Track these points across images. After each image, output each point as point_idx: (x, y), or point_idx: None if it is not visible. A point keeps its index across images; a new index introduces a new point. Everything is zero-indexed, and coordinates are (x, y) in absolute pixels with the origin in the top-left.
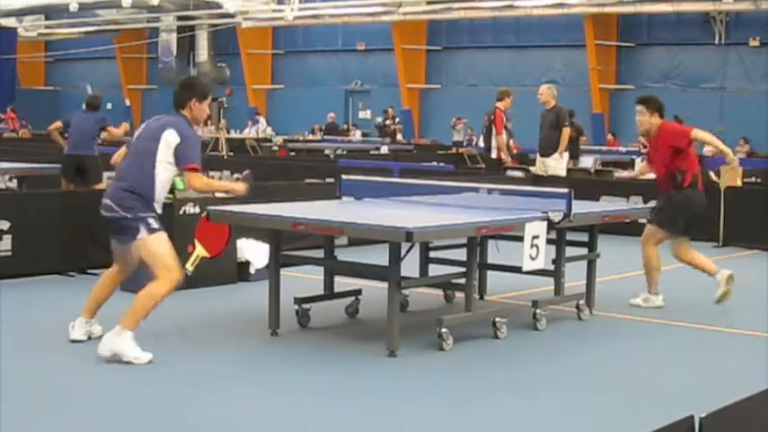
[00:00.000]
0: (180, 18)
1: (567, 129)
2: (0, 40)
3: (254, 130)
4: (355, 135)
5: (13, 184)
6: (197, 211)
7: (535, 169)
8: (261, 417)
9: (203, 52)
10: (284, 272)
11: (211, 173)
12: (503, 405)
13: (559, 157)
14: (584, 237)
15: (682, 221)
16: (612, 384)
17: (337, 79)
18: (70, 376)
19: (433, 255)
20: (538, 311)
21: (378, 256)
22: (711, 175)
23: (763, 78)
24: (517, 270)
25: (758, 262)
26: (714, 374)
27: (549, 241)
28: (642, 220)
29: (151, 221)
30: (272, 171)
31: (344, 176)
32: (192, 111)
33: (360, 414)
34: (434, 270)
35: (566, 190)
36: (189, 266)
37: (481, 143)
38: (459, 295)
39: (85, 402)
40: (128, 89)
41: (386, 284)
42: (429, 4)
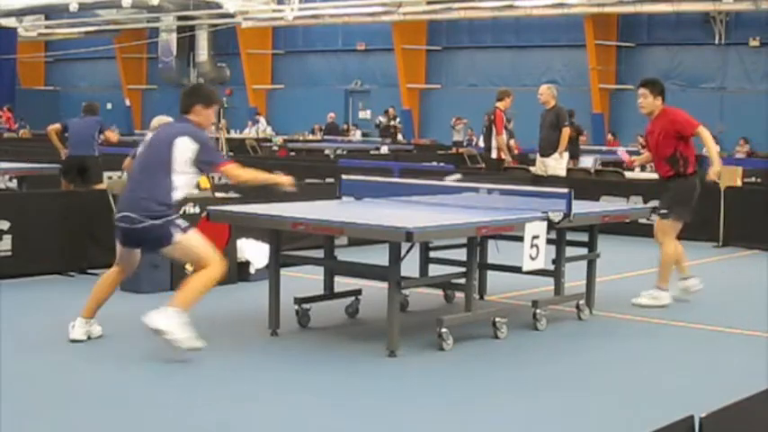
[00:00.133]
0: (180, 18)
1: (566, 129)
2: (0, 40)
3: (254, 130)
4: (355, 135)
5: (13, 184)
6: (197, 211)
7: (535, 169)
8: (261, 417)
9: (203, 52)
10: (284, 272)
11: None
12: (503, 405)
13: (559, 157)
14: (584, 237)
15: (690, 207)
16: (612, 384)
17: (337, 79)
18: (70, 376)
19: (433, 255)
20: (538, 311)
21: (378, 256)
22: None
23: (763, 78)
24: (517, 270)
25: (758, 262)
26: (714, 374)
27: (549, 241)
28: (642, 219)
29: (179, 222)
30: (272, 171)
31: (344, 176)
32: (198, 116)
33: (360, 414)
34: (434, 270)
35: (566, 190)
36: (189, 266)
37: (481, 143)
38: (459, 295)
39: (85, 402)
40: (128, 89)
41: (386, 284)
42: (429, 4)
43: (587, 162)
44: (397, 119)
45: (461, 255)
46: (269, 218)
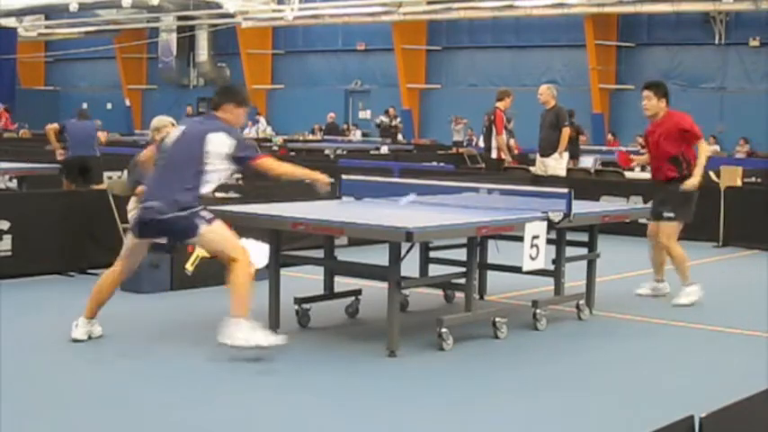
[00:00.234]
0: (180, 18)
1: (566, 129)
2: (0, 40)
3: (254, 130)
4: (355, 135)
5: (13, 184)
6: None
7: (535, 169)
8: (261, 417)
9: (203, 52)
10: (284, 272)
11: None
12: (503, 405)
13: (559, 157)
14: (584, 237)
15: (692, 209)
16: (612, 384)
17: (337, 79)
18: (70, 376)
19: (433, 255)
20: (538, 311)
21: (378, 256)
22: (711, 175)
23: (763, 78)
24: (517, 270)
25: (758, 262)
26: (714, 374)
27: (549, 241)
28: (642, 219)
29: (204, 213)
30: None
31: (344, 176)
32: (227, 114)
33: (360, 414)
34: (434, 270)
35: (566, 190)
36: (189, 266)
37: (481, 143)
38: (460, 295)
39: (85, 402)
40: (128, 89)
41: (386, 284)
42: (429, 4)
43: (587, 162)
44: (398, 118)
45: (461, 255)
46: (269, 218)
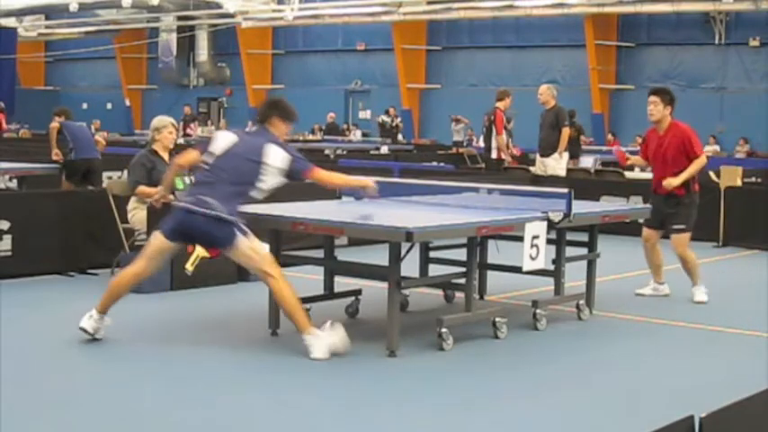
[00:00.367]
0: (180, 18)
1: (566, 129)
2: (0, 40)
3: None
4: (355, 135)
5: (13, 184)
6: None
7: (535, 169)
8: (260, 417)
9: (203, 52)
10: (284, 272)
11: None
12: (503, 405)
13: (559, 157)
14: (584, 237)
15: (695, 216)
16: (612, 384)
17: (337, 79)
18: (70, 376)
19: (433, 255)
20: (538, 311)
21: (378, 256)
22: (711, 175)
23: (763, 78)
24: (517, 270)
25: (758, 262)
26: (714, 374)
27: (549, 241)
28: (642, 219)
29: (241, 225)
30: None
31: None
32: (275, 128)
33: (360, 414)
34: (434, 270)
35: (566, 190)
36: (189, 266)
37: (481, 143)
38: (460, 295)
39: (85, 402)
40: (128, 89)
41: (386, 284)
42: (429, 4)
43: (587, 162)
44: (399, 118)
45: (461, 255)
46: (269, 218)
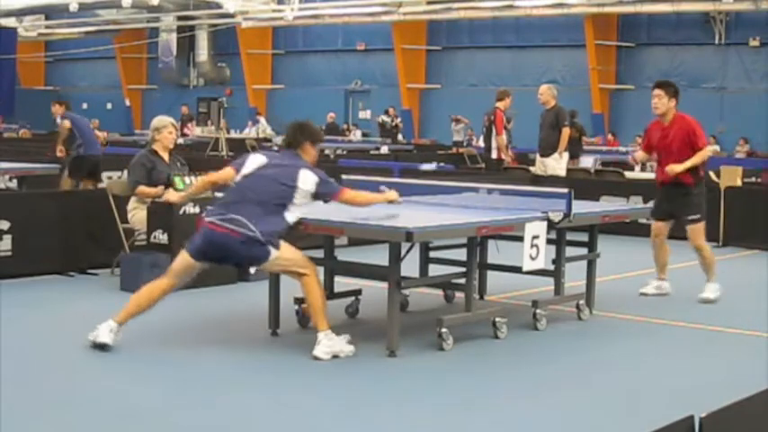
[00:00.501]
0: (180, 18)
1: (566, 129)
2: (0, 40)
3: (254, 130)
4: (355, 135)
5: (13, 184)
6: (197, 211)
7: (535, 169)
8: (260, 417)
9: (203, 52)
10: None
11: (211, 173)
12: (503, 405)
13: (559, 157)
14: (584, 237)
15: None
16: (612, 384)
17: (337, 79)
18: (70, 376)
19: (433, 255)
20: (538, 311)
21: (378, 256)
22: (711, 175)
23: (763, 78)
24: (517, 270)
25: (758, 262)
26: (714, 374)
27: (549, 241)
28: (642, 219)
29: (273, 240)
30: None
31: (344, 176)
32: (306, 154)
33: (360, 414)
34: (434, 270)
35: (566, 190)
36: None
37: (481, 143)
38: (460, 295)
39: (85, 403)
40: (128, 89)
41: (386, 284)
42: (429, 4)
43: (587, 162)
44: (398, 118)
45: (461, 255)
46: None
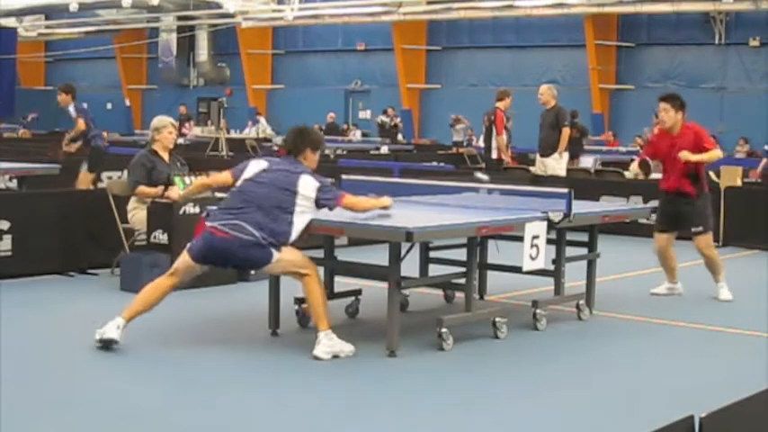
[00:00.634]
0: (180, 18)
1: (566, 129)
2: (0, 40)
3: (254, 130)
4: (355, 135)
5: (13, 184)
6: (197, 211)
7: (535, 169)
8: (260, 417)
9: (203, 52)
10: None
11: (212, 173)
12: (503, 405)
13: (559, 157)
14: (584, 237)
15: (712, 219)
16: (612, 384)
17: (337, 79)
18: (70, 376)
19: (433, 255)
20: (538, 311)
21: (378, 256)
22: (711, 175)
23: (763, 78)
24: (517, 270)
25: (758, 262)
26: (714, 374)
27: (549, 241)
28: (642, 219)
29: (276, 243)
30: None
31: (344, 176)
32: (307, 160)
33: (360, 414)
34: (434, 270)
35: (566, 190)
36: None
37: (481, 143)
38: (460, 295)
39: (85, 403)
40: (128, 89)
41: (386, 284)
42: (429, 4)
43: (587, 162)
44: (398, 118)
45: (461, 255)
46: None
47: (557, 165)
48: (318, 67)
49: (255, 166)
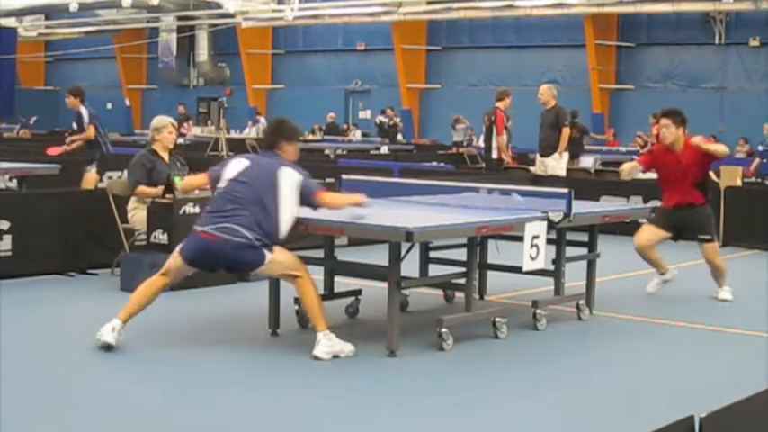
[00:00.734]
0: (180, 18)
1: (566, 129)
2: (0, 40)
3: (254, 130)
4: (355, 135)
5: (13, 184)
6: (197, 210)
7: (535, 169)
8: (260, 417)
9: (203, 52)
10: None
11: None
12: (503, 405)
13: (559, 157)
14: (584, 237)
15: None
16: (612, 384)
17: (337, 79)
18: (70, 376)
19: (433, 255)
20: (538, 311)
21: (378, 256)
22: (711, 175)
23: (763, 78)
24: (517, 270)
25: (758, 262)
26: (714, 374)
27: (549, 241)
28: (642, 220)
29: (268, 243)
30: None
31: (344, 176)
32: (285, 152)
33: (360, 414)
34: (434, 270)
35: (566, 190)
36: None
37: (481, 143)
38: (460, 295)
39: (85, 403)
40: (128, 89)
41: (386, 284)
42: (429, 4)
43: (587, 162)
44: (398, 117)
45: (461, 255)
46: None
47: (557, 165)
48: (318, 67)
49: (237, 165)
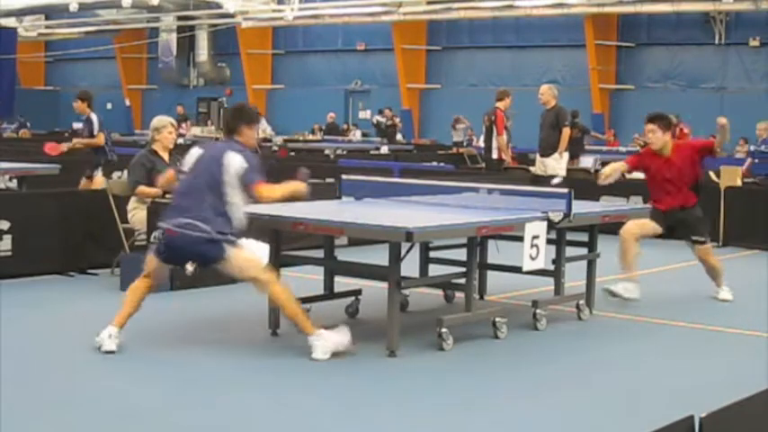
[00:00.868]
0: (180, 18)
1: (566, 129)
2: (0, 40)
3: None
4: (355, 135)
5: (13, 184)
6: None
7: (535, 169)
8: (260, 417)
9: (203, 52)
10: (284, 272)
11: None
12: (503, 405)
13: (559, 157)
14: (584, 237)
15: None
16: (612, 384)
17: (337, 79)
18: (70, 376)
19: (433, 255)
20: (538, 311)
21: (378, 256)
22: (711, 175)
23: (763, 78)
24: (517, 270)
25: (758, 262)
26: (714, 374)
27: (549, 241)
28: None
29: (230, 236)
30: (272, 171)
31: (344, 176)
32: (243, 136)
33: (360, 414)
34: (434, 270)
35: (566, 190)
36: (189, 266)
37: (481, 143)
38: (460, 295)
39: (85, 403)
40: (128, 89)
41: (386, 284)
42: (429, 4)
43: (587, 162)
44: (397, 117)
45: (461, 255)
46: (269, 218)
47: (557, 165)
48: (318, 67)
49: (191, 156)
